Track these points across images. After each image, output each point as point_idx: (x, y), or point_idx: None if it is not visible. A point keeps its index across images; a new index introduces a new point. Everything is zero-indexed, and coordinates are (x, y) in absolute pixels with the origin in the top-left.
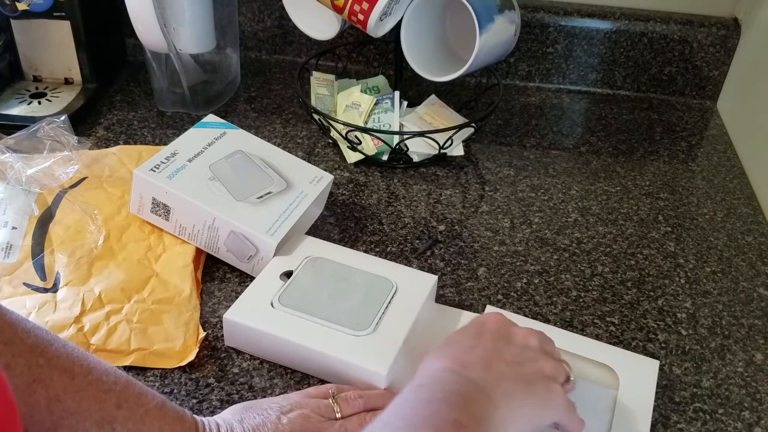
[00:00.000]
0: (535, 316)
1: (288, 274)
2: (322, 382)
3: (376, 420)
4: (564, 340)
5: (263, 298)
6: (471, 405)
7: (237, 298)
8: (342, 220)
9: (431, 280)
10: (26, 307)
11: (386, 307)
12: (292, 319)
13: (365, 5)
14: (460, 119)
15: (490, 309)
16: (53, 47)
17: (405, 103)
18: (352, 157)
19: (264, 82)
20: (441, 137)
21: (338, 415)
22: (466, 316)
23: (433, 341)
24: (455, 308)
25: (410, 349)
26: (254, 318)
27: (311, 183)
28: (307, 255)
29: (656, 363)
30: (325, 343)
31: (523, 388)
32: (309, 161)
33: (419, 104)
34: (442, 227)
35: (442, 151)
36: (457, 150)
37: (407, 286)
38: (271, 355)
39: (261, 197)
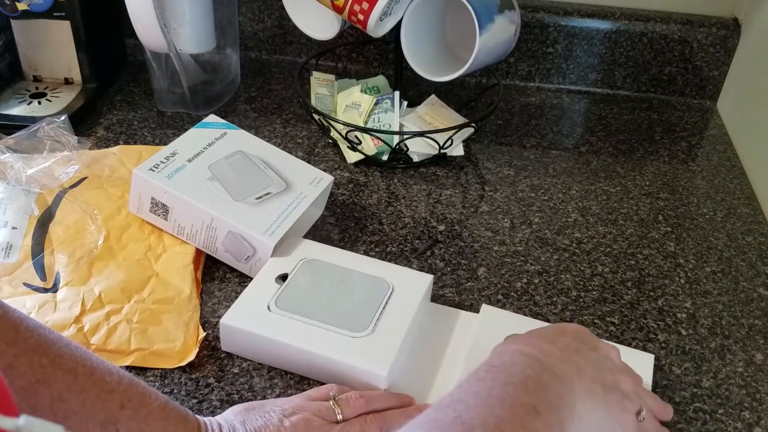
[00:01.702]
0: (535, 316)
1: (283, 278)
2: (322, 383)
3: (446, 396)
4: None
5: (260, 302)
6: (547, 392)
7: (237, 298)
8: (342, 220)
9: (427, 280)
10: (26, 307)
11: (383, 307)
12: (290, 322)
13: (365, 5)
14: (460, 119)
15: (486, 308)
16: (53, 47)
17: (405, 103)
18: (352, 157)
19: (264, 82)
20: (441, 137)
21: (339, 417)
22: (464, 316)
23: (430, 341)
24: (452, 308)
25: (411, 350)
26: (252, 322)
27: (311, 184)
28: (302, 257)
29: (651, 357)
30: (323, 345)
31: (601, 393)
32: (309, 161)
33: (419, 104)
34: (442, 227)
35: (442, 151)
36: (457, 150)
37: (403, 286)
38: (269, 358)
39: (260, 198)
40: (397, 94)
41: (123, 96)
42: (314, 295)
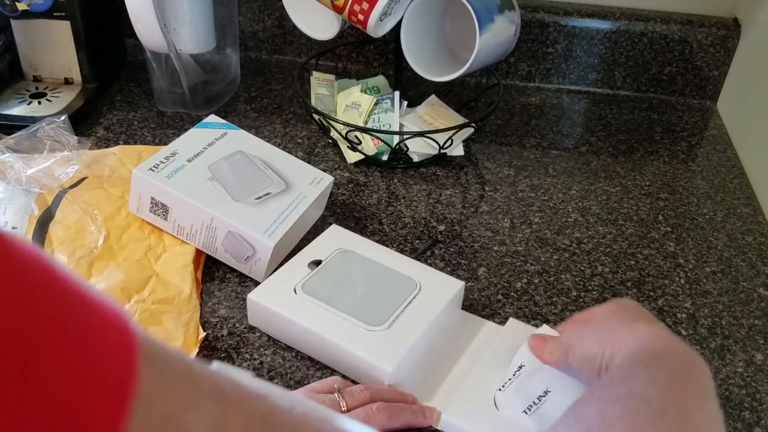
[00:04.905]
0: (535, 317)
1: (316, 263)
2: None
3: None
4: None
5: (288, 284)
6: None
7: (237, 298)
8: (342, 221)
9: (457, 285)
10: None
11: (406, 306)
12: (311, 307)
13: (365, 5)
14: (460, 119)
15: (512, 322)
16: (53, 47)
17: (405, 103)
18: (352, 157)
19: (264, 82)
20: (441, 137)
21: (344, 408)
22: (489, 327)
23: (447, 347)
24: (478, 317)
25: (423, 352)
26: (275, 301)
27: (311, 184)
28: (339, 247)
29: None
30: (337, 333)
31: None
32: (309, 161)
33: (419, 104)
34: (442, 227)
35: (442, 151)
36: (457, 150)
37: (432, 288)
38: (287, 338)
39: (260, 198)
40: (397, 94)
41: (123, 96)
42: (341, 285)
